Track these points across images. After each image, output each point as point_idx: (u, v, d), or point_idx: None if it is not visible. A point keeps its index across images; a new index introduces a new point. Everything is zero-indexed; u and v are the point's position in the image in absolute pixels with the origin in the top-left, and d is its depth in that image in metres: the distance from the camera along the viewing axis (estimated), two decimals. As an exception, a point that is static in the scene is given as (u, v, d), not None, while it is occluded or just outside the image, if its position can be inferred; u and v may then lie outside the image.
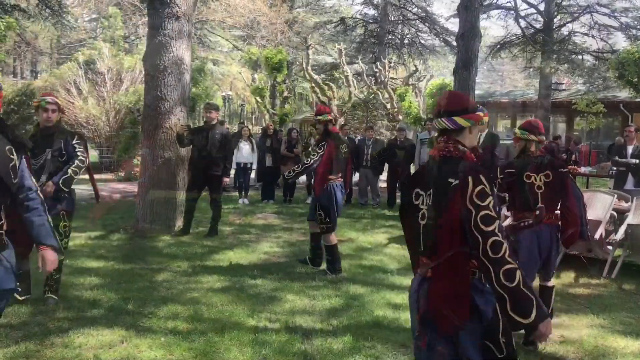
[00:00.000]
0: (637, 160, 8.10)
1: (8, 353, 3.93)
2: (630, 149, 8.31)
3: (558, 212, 4.22)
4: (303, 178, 13.03)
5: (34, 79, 35.61)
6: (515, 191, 4.24)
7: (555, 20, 24.62)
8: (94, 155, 21.62)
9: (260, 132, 16.07)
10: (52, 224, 2.94)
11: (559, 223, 4.22)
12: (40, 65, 43.83)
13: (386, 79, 19.13)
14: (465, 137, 2.50)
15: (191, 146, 8.14)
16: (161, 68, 8.07)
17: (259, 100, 20.32)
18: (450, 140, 2.46)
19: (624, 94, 21.60)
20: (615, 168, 8.55)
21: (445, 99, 2.57)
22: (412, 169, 12.18)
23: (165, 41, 8.03)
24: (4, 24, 12.51)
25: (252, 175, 13.15)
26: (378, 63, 20.85)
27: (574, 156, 13.88)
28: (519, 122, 27.50)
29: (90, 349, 4.05)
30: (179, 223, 8.34)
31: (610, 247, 6.71)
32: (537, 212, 4.07)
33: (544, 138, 4.33)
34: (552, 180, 4.14)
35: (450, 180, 2.34)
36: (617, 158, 8.45)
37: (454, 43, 21.84)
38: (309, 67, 18.72)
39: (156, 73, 8.10)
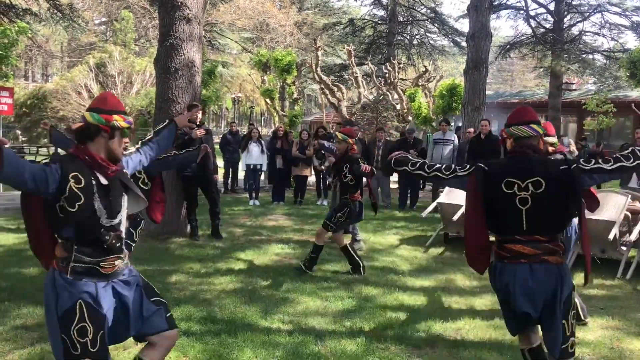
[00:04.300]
0: None
1: (24, 354, 3.97)
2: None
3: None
4: (313, 179, 13.06)
5: (45, 82, 35.93)
6: None
7: (565, 19, 24.47)
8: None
9: (270, 134, 16.09)
10: None
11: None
12: (52, 68, 44.20)
13: (396, 80, 19.08)
14: None
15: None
16: (172, 70, 8.09)
17: (269, 102, 20.34)
18: None
19: (635, 93, 21.43)
20: None
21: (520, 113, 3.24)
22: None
23: (176, 44, 8.06)
24: (16, 28, 12.60)
25: (262, 177, 13.16)
26: (387, 64, 20.80)
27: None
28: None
29: (104, 351, 4.07)
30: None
31: (624, 248, 6.66)
32: None
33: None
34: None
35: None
36: None
37: (464, 43, 21.81)
38: (319, 69, 18.68)
39: (167, 75, 8.13)
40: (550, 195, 2.96)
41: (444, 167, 3.24)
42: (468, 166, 3.17)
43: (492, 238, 3.18)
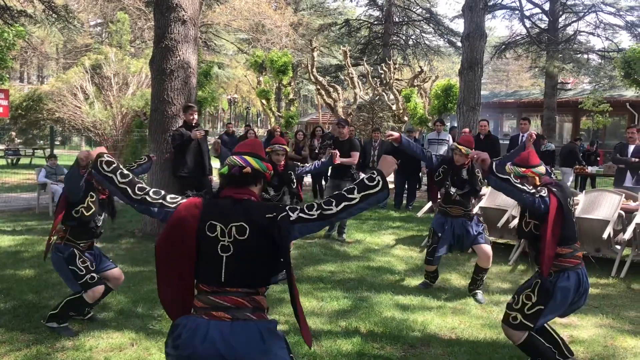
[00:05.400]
0: (636, 159, 8.16)
1: (20, 356, 3.97)
2: (631, 148, 8.39)
3: None
4: (309, 179, 13.08)
5: (40, 84, 35.84)
6: None
7: (560, 19, 24.58)
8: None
9: (266, 134, 16.11)
10: None
11: None
12: (47, 70, 44.09)
13: (391, 80, 19.12)
14: None
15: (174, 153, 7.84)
16: (168, 72, 8.09)
17: (265, 102, 20.37)
18: None
19: (630, 92, 21.52)
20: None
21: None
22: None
23: (171, 45, 8.05)
24: (13, 32, 12.59)
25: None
26: (383, 64, 20.85)
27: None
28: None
29: (100, 352, 4.08)
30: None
31: (618, 247, 6.70)
32: None
33: None
34: None
35: None
36: (618, 156, 8.53)
37: (459, 44, 21.88)
38: (314, 69, 18.70)
39: (163, 77, 8.13)
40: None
41: (531, 187, 3.74)
42: (542, 189, 3.70)
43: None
